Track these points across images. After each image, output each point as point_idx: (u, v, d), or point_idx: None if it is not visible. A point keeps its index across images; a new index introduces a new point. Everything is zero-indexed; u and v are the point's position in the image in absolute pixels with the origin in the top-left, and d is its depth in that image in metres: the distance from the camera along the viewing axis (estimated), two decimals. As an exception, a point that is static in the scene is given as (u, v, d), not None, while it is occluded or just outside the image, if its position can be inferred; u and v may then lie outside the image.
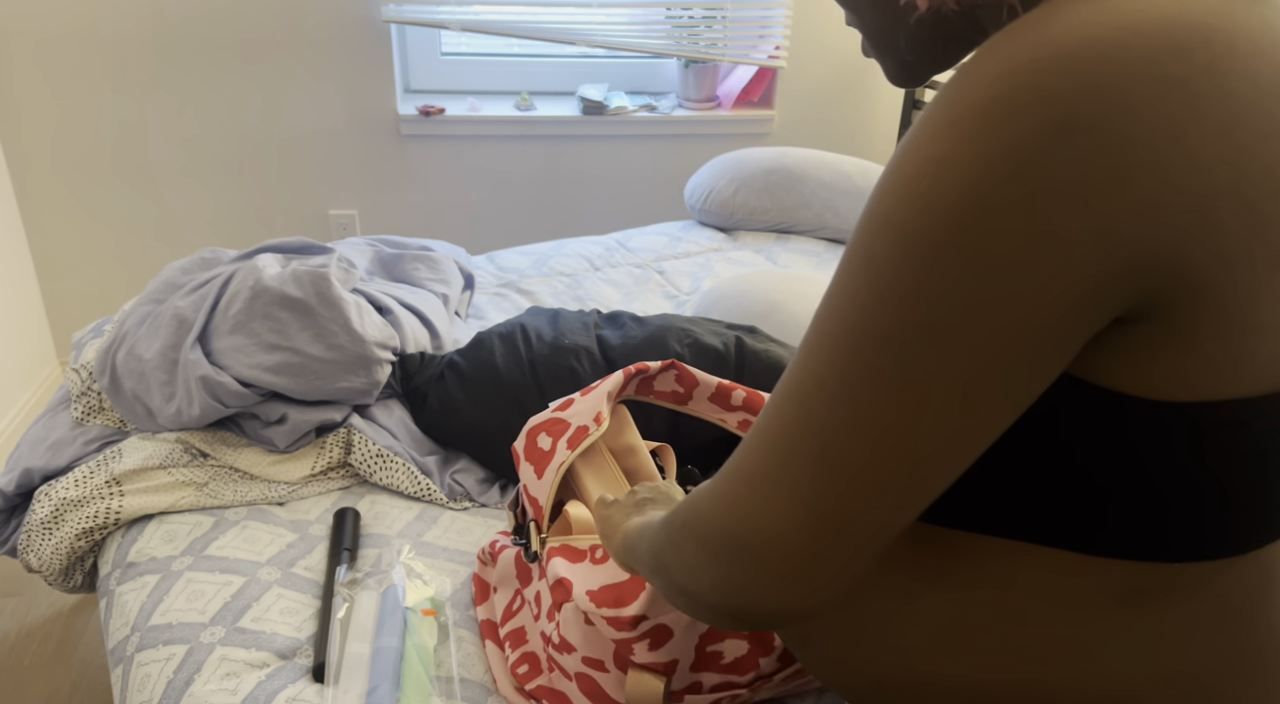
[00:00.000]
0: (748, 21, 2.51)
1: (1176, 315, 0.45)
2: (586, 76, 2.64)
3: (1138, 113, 0.41)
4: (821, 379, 0.48)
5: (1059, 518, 0.52)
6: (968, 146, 0.44)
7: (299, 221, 2.52)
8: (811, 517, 0.48)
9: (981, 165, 0.43)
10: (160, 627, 1.06)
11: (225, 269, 1.44)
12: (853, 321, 0.47)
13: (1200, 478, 0.49)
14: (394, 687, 0.95)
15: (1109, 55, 0.42)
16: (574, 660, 0.91)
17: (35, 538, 1.25)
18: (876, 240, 0.47)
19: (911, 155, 0.46)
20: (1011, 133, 0.42)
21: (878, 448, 0.46)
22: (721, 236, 2.20)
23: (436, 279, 1.70)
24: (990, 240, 0.43)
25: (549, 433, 1.02)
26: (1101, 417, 0.48)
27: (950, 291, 0.44)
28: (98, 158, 2.35)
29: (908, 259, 0.45)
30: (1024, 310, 0.44)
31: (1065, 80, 0.42)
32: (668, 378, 1.13)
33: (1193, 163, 0.42)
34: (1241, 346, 0.46)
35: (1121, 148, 0.41)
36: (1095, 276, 0.43)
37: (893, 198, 0.46)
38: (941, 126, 0.45)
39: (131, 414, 1.36)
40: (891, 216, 0.46)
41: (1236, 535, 0.52)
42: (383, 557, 1.17)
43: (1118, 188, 0.42)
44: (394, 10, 2.30)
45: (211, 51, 2.29)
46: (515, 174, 2.57)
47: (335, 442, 1.32)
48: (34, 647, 1.68)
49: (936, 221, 0.44)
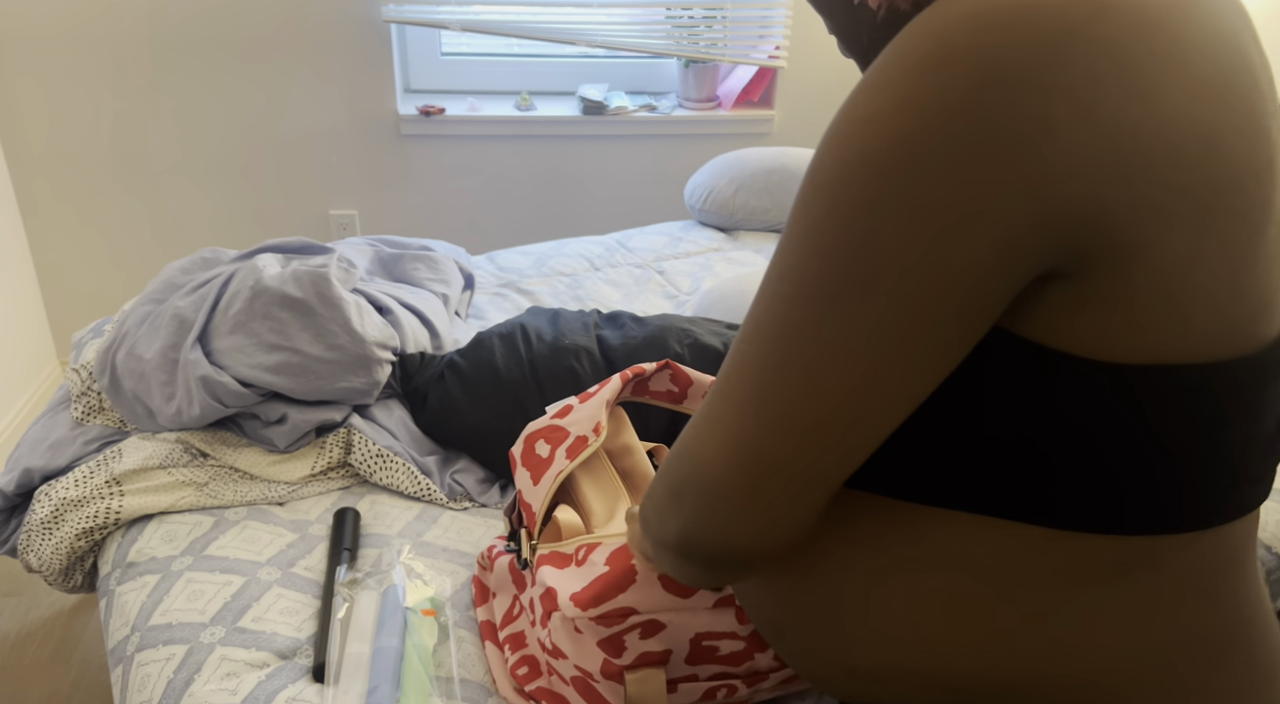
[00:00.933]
0: (748, 21, 2.51)
1: (1104, 271, 0.46)
2: (586, 76, 2.64)
3: (1063, 68, 0.42)
4: (762, 326, 0.50)
5: (1011, 488, 0.52)
6: (896, 102, 0.45)
7: (299, 221, 2.52)
8: (747, 456, 0.50)
9: (909, 119, 0.44)
10: (160, 627, 1.06)
11: (225, 269, 1.44)
12: (789, 272, 0.49)
13: (1147, 446, 0.49)
14: (394, 687, 0.96)
15: (1036, 15, 0.43)
16: (568, 666, 0.91)
17: (35, 538, 1.25)
18: (812, 195, 0.48)
19: (845, 114, 0.47)
20: (938, 87, 0.44)
21: (810, 392, 0.48)
22: (721, 236, 2.20)
23: (436, 279, 1.70)
24: (917, 191, 0.44)
25: (547, 440, 1.02)
26: (1040, 376, 0.49)
27: (880, 241, 0.45)
28: (98, 158, 2.35)
29: (838, 210, 0.47)
30: (951, 259, 0.45)
31: (992, 36, 0.43)
32: (663, 378, 1.13)
33: (1117, 119, 0.43)
34: (1179, 308, 0.47)
35: (1046, 101, 0.42)
36: (1020, 227, 0.44)
37: (826, 153, 0.48)
38: (874, 85, 0.46)
39: (131, 414, 1.36)
40: (825, 171, 0.48)
41: (1193, 509, 0.52)
42: (383, 557, 1.17)
43: (1042, 140, 0.43)
44: (394, 10, 2.30)
45: (211, 51, 2.29)
46: (515, 174, 2.57)
47: (335, 442, 1.32)
48: (34, 647, 1.68)
49: (865, 173, 0.45)
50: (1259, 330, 0.50)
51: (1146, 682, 0.55)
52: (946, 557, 0.55)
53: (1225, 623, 0.56)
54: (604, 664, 0.88)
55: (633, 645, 0.87)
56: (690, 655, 0.89)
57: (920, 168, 0.44)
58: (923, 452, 0.53)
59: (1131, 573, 0.53)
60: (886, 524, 0.57)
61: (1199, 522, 0.52)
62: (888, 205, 0.45)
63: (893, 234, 0.45)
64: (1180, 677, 0.55)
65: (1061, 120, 0.43)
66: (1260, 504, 0.56)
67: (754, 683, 0.93)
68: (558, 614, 0.91)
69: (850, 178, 0.46)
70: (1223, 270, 0.47)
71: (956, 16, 0.44)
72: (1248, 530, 0.56)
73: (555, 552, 0.95)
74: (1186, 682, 0.55)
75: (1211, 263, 0.46)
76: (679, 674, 0.90)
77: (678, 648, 0.88)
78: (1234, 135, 0.46)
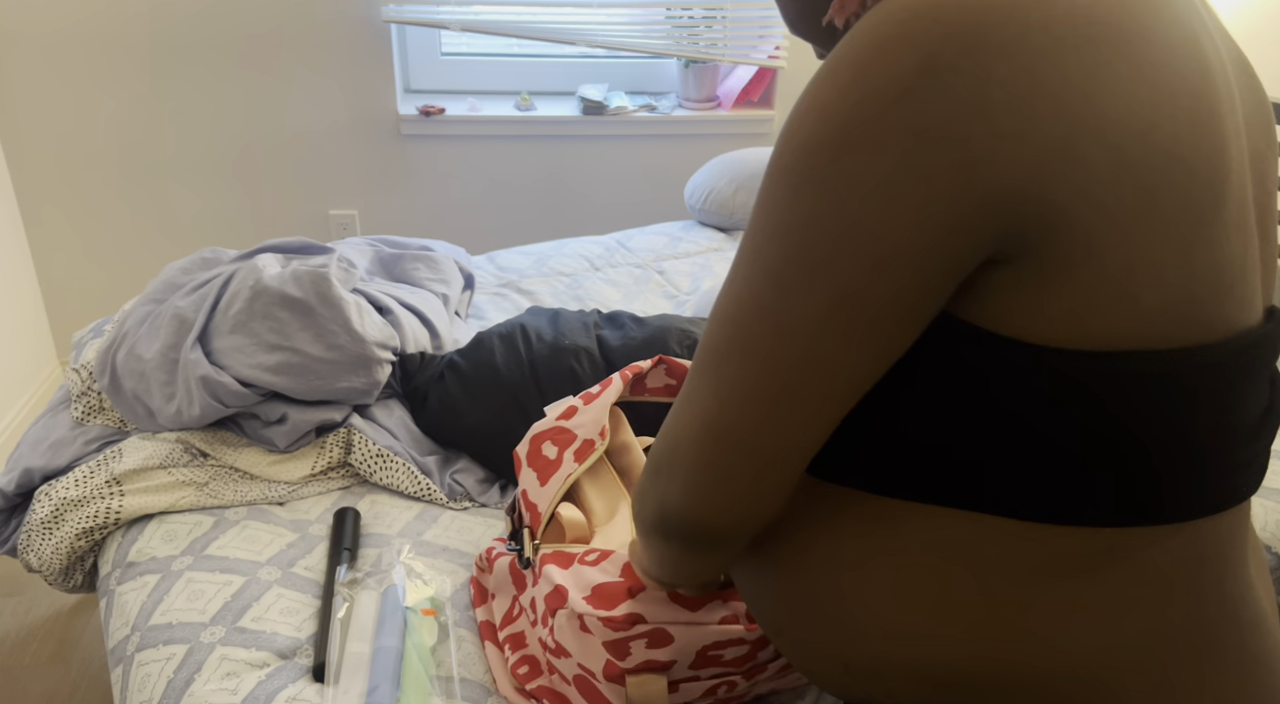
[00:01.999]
0: (748, 21, 2.51)
1: (1046, 253, 0.47)
2: (586, 76, 2.64)
3: (998, 53, 0.44)
4: (721, 305, 0.53)
5: (974, 481, 0.53)
6: (841, 91, 0.47)
7: (299, 221, 2.52)
8: (709, 429, 0.53)
9: (852, 106, 0.46)
10: (160, 626, 1.06)
11: (225, 269, 1.44)
12: (744, 253, 0.52)
13: (1105, 434, 0.49)
14: (394, 686, 0.96)
15: (972, 3, 0.45)
16: (570, 665, 0.91)
17: (35, 538, 1.25)
18: (768, 181, 0.51)
19: (799, 104, 0.50)
20: (880, 75, 0.46)
21: (761, 369, 0.50)
22: (721, 236, 2.20)
23: (436, 279, 1.70)
24: (859, 176, 0.46)
25: (554, 442, 1.03)
26: (984, 362, 0.50)
27: (823, 224, 0.48)
28: (98, 157, 2.35)
29: (787, 195, 0.49)
30: (891, 242, 0.47)
31: (931, 26, 0.45)
32: (659, 374, 1.14)
33: (1053, 102, 0.44)
34: (1125, 290, 0.47)
35: (981, 86, 0.44)
36: (959, 210, 0.46)
37: (781, 141, 0.50)
38: (823, 76, 0.49)
39: (131, 414, 1.36)
40: (780, 159, 0.50)
41: (1162, 502, 0.52)
42: (383, 556, 1.17)
43: (978, 124, 0.44)
44: (394, 10, 2.30)
45: (212, 52, 2.29)
46: (515, 174, 2.57)
47: (335, 441, 1.32)
48: (34, 647, 1.68)
49: (812, 159, 0.48)
50: (1223, 316, 0.50)
51: (1127, 675, 0.55)
52: (926, 549, 0.56)
53: (1207, 619, 0.55)
54: (607, 665, 0.88)
55: (638, 652, 0.87)
56: (695, 663, 0.89)
57: (861, 152, 0.46)
58: (888, 444, 0.55)
59: (1106, 566, 0.53)
60: (869, 517, 0.58)
61: (1171, 514, 0.52)
62: (830, 188, 0.47)
63: (834, 216, 0.47)
64: (1161, 671, 0.55)
65: (997, 105, 0.44)
66: (1245, 499, 0.56)
67: (753, 675, 0.94)
68: (563, 612, 0.90)
69: (798, 164, 0.49)
70: (1170, 253, 0.48)
71: (898, 9, 0.46)
72: (1233, 526, 0.56)
73: (559, 552, 0.95)
74: (1167, 677, 0.55)
75: (1157, 245, 0.47)
76: (681, 676, 0.91)
77: (683, 659, 0.88)
78: (1179, 120, 0.47)
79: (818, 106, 0.48)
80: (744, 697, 0.96)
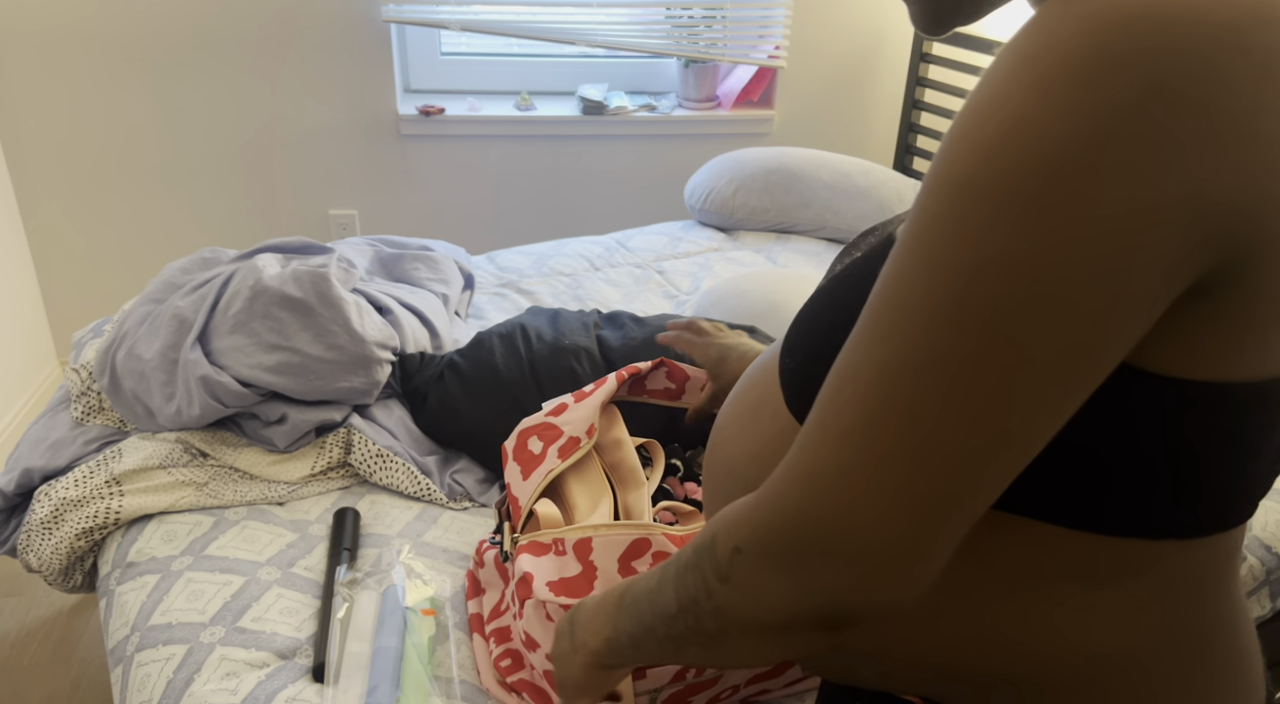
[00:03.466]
0: (748, 21, 2.51)
1: (1232, 289, 0.45)
2: (586, 76, 2.64)
3: (1221, 79, 0.41)
4: (907, 359, 0.45)
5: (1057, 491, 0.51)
6: (1058, 104, 0.42)
7: (299, 221, 2.52)
8: (908, 506, 0.46)
9: (1075, 122, 0.42)
10: (160, 626, 1.06)
11: (225, 269, 1.44)
12: (940, 296, 0.44)
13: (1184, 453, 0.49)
14: (394, 686, 0.96)
15: (1197, 18, 0.41)
16: (541, 658, 0.93)
17: (35, 538, 1.25)
18: (960, 206, 0.44)
19: (993, 116, 0.44)
20: (1107, 90, 0.41)
21: (975, 427, 0.45)
22: (721, 236, 2.20)
23: (436, 279, 1.70)
24: (1088, 200, 0.42)
25: (540, 437, 1.03)
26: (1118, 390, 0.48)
27: (1052, 256, 0.42)
28: (97, 158, 2.35)
29: (1001, 224, 0.43)
30: (1126, 276, 0.42)
31: (1156, 39, 0.41)
32: (658, 376, 1.13)
33: (1266, 134, 0.42)
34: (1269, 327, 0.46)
35: (1209, 112, 0.41)
36: (1182, 242, 0.42)
37: (977, 161, 0.44)
38: (1026, 84, 0.43)
39: (131, 414, 1.36)
40: (979, 180, 0.44)
41: (1204, 516, 0.52)
42: (383, 557, 1.17)
43: (1206, 151, 0.41)
44: (394, 10, 2.30)
45: (212, 51, 2.29)
46: (515, 174, 2.57)
47: (335, 442, 1.32)
48: (34, 647, 1.68)
49: (1031, 182, 0.42)
50: None
51: (1135, 677, 0.56)
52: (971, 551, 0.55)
53: (1210, 622, 0.56)
54: None
55: None
56: None
57: (1090, 176, 0.41)
58: None
59: (1129, 572, 0.54)
60: None
61: (1210, 528, 0.53)
62: (1061, 218, 0.42)
63: (1066, 248, 0.42)
64: (1167, 674, 0.56)
65: (1226, 131, 0.41)
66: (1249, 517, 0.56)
67: None
68: (530, 602, 0.92)
69: (1013, 189, 0.43)
70: None
71: (1115, 21, 0.42)
72: (1236, 538, 0.57)
73: (533, 541, 0.96)
74: (1172, 679, 0.56)
75: None
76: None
77: None
78: None
79: (1026, 118, 0.43)
80: (716, 683, 0.96)
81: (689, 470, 1.18)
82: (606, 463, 1.09)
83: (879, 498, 0.46)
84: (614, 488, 1.07)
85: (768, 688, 0.98)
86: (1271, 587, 1.31)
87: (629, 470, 1.06)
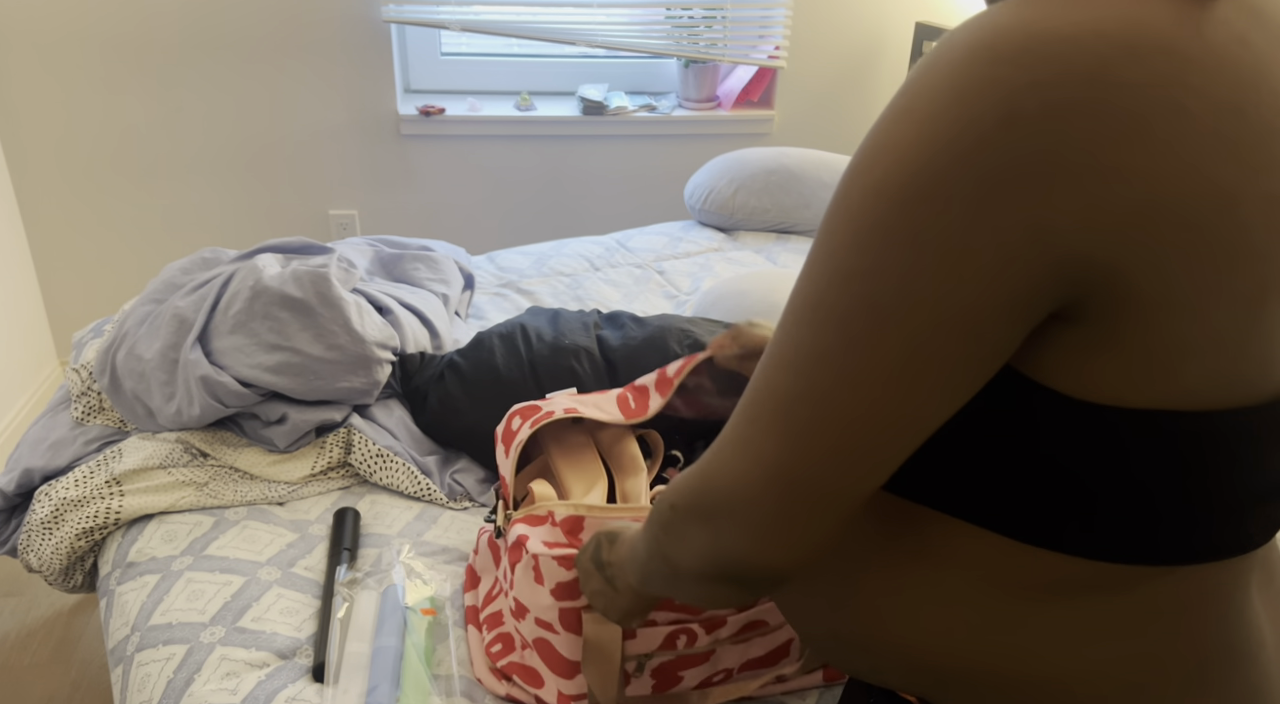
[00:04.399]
0: (748, 21, 2.51)
1: (1102, 321, 0.46)
2: (586, 76, 2.64)
3: (1080, 113, 0.42)
4: (782, 350, 0.51)
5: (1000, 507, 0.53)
6: (916, 133, 0.45)
7: (299, 221, 2.52)
8: (774, 477, 0.50)
9: (929, 152, 0.44)
10: (160, 626, 1.06)
11: (225, 269, 1.44)
12: (808, 297, 0.50)
13: (1125, 483, 0.50)
14: (394, 686, 0.96)
15: (1061, 52, 0.42)
16: (529, 625, 0.94)
17: (35, 538, 1.25)
18: (834, 221, 0.49)
19: (872, 139, 0.48)
20: (958, 121, 0.43)
21: (827, 417, 0.49)
22: (721, 236, 2.20)
23: (436, 279, 1.70)
24: (932, 226, 0.44)
25: (522, 416, 1.06)
26: (1030, 410, 0.50)
27: (892, 274, 0.46)
28: (98, 158, 2.35)
29: (856, 240, 0.47)
30: (960, 296, 0.45)
31: (1013, 72, 0.42)
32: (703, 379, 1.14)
33: (1131, 171, 0.42)
34: (1172, 364, 0.46)
35: (1061, 147, 0.42)
36: (1030, 270, 0.44)
37: (851, 178, 0.48)
38: (900, 112, 0.46)
39: (131, 414, 1.36)
40: (849, 198, 0.48)
41: (1161, 546, 0.52)
42: (383, 556, 1.17)
43: (1053, 185, 0.42)
44: (394, 10, 2.30)
45: (211, 52, 2.29)
46: (515, 174, 2.57)
47: (335, 441, 1.32)
48: (34, 647, 1.68)
49: (883, 205, 0.46)
50: (1268, 383, 0.50)
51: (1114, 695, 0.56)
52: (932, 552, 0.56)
53: (1200, 649, 0.56)
54: (561, 613, 0.91)
55: None
56: None
57: (935, 202, 0.44)
58: (927, 460, 0.55)
59: (1103, 593, 0.54)
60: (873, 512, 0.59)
61: (1169, 559, 0.53)
62: (900, 237, 0.45)
63: (903, 267, 0.45)
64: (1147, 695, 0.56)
65: (1076, 169, 0.42)
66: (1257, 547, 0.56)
67: (713, 628, 0.95)
68: (520, 563, 0.94)
69: (869, 206, 0.46)
70: (1229, 332, 0.46)
71: (983, 46, 0.43)
72: (1242, 566, 0.56)
73: (529, 514, 0.98)
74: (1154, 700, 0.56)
75: (1216, 323, 0.46)
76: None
77: None
78: (1260, 200, 0.44)
79: (890, 145, 0.46)
80: (708, 659, 0.97)
81: (690, 462, 1.18)
82: (605, 451, 1.10)
83: (751, 467, 0.51)
84: (611, 474, 1.08)
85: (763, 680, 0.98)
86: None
87: (629, 458, 1.07)
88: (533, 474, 1.13)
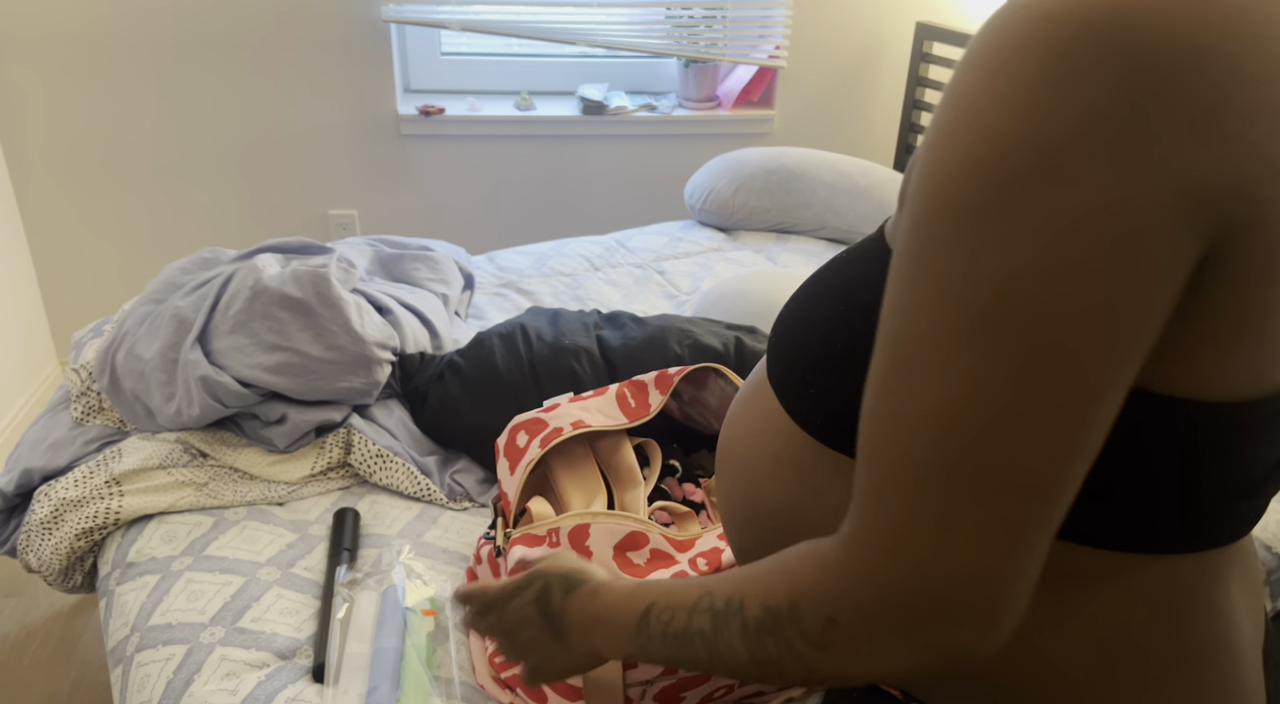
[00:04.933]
0: (748, 21, 2.51)
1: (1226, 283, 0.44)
2: (586, 76, 2.64)
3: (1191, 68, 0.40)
4: (955, 396, 0.44)
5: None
6: (1036, 112, 0.41)
7: (299, 221, 2.52)
8: (1004, 540, 0.44)
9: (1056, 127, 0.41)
10: (160, 627, 1.06)
11: (225, 269, 1.44)
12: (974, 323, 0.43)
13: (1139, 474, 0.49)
14: (394, 687, 0.95)
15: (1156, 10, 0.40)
16: None
17: (35, 538, 1.25)
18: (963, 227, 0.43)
19: (975, 131, 0.43)
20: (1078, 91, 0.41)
21: (1042, 445, 0.43)
22: (721, 236, 2.20)
23: (436, 279, 1.70)
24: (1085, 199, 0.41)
25: (527, 431, 1.05)
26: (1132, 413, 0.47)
27: (1062, 257, 0.41)
28: (97, 158, 2.35)
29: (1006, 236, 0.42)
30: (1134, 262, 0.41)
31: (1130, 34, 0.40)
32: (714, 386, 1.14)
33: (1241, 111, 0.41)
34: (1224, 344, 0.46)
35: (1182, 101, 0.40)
36: (1178, 228, 0.41)
37: (968, 178, 0.43)
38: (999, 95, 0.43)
39: (131, 414, 1.36)
40: (975, 198, 0.43)
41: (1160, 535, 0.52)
42: (383, 557, 1.17)
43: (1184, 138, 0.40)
44: (394, 10, 2.30)
45: (211, 52, 2.29)
46: (515, 174, 2.57)
47: (335, 442, 1.32)
48: (34, 647, 1.68)
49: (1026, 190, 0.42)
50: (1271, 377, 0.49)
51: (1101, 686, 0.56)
52: None
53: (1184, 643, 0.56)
54: None
55: None
56: None
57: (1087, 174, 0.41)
58: None
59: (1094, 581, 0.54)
60: None
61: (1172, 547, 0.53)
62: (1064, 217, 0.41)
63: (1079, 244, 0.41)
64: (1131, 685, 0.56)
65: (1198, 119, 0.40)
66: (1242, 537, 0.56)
67: None
68: None
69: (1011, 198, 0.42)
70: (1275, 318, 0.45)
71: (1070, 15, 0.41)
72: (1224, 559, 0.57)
73: (527, 533, 0.97)
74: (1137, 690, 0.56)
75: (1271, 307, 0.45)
76: None
77: None
78: None
79: (1009, 133, 0.42)
80: (709, 679, 0.96)
81: (687, 472, 1.17)
82: (604, 461, 1.09)
83: (977, 541, 0.44)
84: (610, 486, 1.08)
85: (763, 688, 0.98)
86: (1272, 587, 1.31)
87: (626, 470, 1.07)
88: (530, 486, 1.12)
